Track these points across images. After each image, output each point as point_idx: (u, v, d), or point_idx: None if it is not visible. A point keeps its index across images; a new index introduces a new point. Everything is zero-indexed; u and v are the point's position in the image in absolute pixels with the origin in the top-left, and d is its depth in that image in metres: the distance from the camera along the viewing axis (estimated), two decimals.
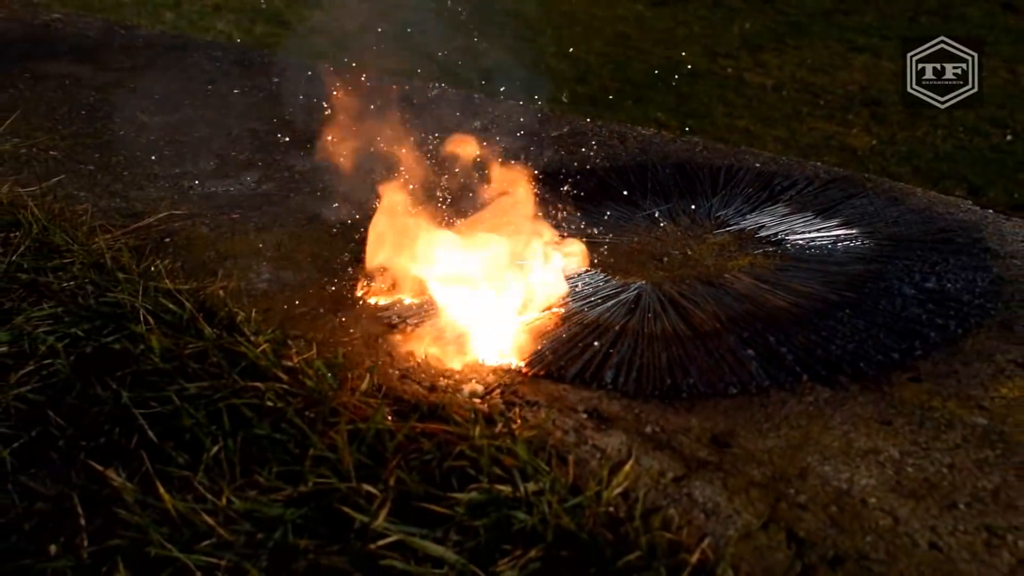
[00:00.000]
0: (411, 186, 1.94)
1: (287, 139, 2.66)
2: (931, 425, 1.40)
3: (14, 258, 1.91)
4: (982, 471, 1.31)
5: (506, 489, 1.23)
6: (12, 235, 1.99)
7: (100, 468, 1.40)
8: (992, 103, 7.47)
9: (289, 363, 1.51)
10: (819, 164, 2.46)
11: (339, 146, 2.18)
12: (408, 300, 1.77)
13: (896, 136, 6.96)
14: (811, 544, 1.18)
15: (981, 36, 9.19)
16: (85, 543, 1.35)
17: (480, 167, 1.91)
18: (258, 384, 1.46)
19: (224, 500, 1.31)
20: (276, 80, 3.27)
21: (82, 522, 1.38)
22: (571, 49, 9.01)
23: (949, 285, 1.78)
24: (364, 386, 1.47)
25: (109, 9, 9.79)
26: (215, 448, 1.39)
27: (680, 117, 7.27)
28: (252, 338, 1.56)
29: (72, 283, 1.82)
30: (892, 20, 10.51)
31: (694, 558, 1.13)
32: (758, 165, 2.42)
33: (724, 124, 7.25)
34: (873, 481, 1.28)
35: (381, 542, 1.19)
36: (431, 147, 2.08)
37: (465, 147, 2.00)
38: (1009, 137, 6.86)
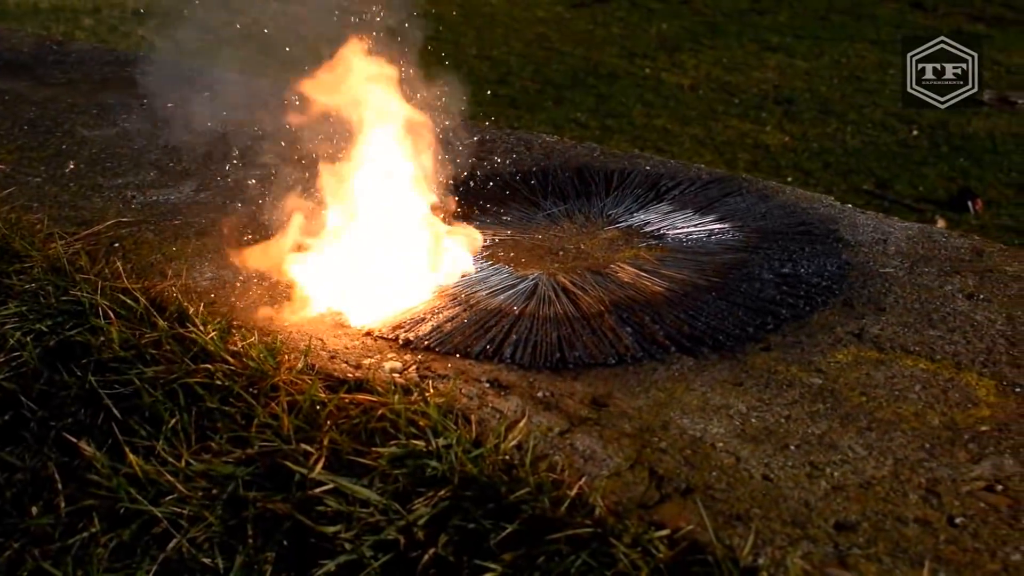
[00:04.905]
0: (328, 192, 2.18)
1: (220, 150, 2.88)
2: (775, 385, 1.69)
3: None
4: (813, 420, 1.59)
5: (420, 444, 1.49)
6: None
7: (73, 440, 1.64)
8: (899, 99, 7.86)
9: (234, 348, 1.76)
10: (702, 166, 2.76)
11: (269, 155, 2.42)
12: (335, 293, 2.01)
13: (808, 133, 7.35)
14: (668, 479, 1.45)
15: (890, 34, 9.68)
16: (62, 504, 1.59)
17: (394, 172, 2.15)
18: (208, 366, 1.71)
19: (183, 463, 1.56)
20: (206, 94, 3.47)
21: (59, 486, 1.62)
22: (492, 51, 9.28)
23: (802, 270, 2.08)
24: (299, 366, 1.72)
25: (27, 16, 9.83)
26: (173, 420, 1.63)
27: (599, 117, 7.58)
28: (201, 328, 1.80)
29: (34, 285, 2.04)
30: (805, 19, 10.93)
31: (572, 492, 1.40)
32: (648, 168, 2.71)
33: (642, 124, 7.57)
34: (722, 430, 1.57)
35: (318, 489, 1.45)
36: (351, 153, 2.30)
37: (381, 154, 2.22)
38: (915, 132, 7.28)
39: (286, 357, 1.75)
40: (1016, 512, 1.37)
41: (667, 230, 2.32)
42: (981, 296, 1.98)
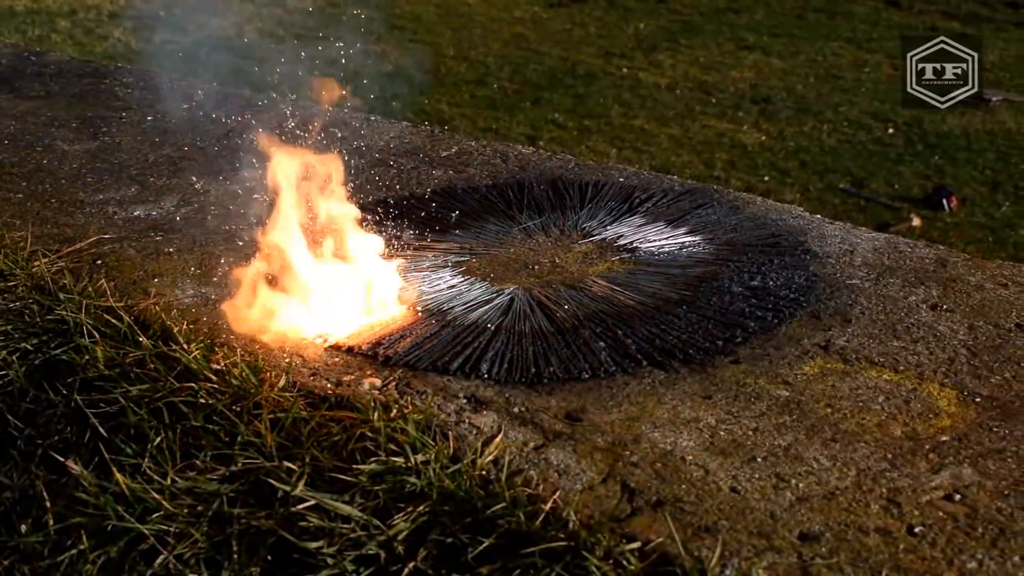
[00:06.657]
0: (303, 208, 2.21)
1: (200, 164, 2.92)
2: (743, 398, 1.75)
3: None
4: (779, 432, 1.65)
5: (399, 460, 1.54)
6: None
7: (60, 458, 1.68)
8: (875, 97, 7.96)
9: (217, 366, 1.80)
10: (675, 177, 2.81)
11: (248, 170, 2.46)
12: (316, 310, 2.06)
13: (784, 132, 7.42)
14: (639, 492, 1.50)
15: (866, 32, 9.79)
16: (51, 521, 1.63)
17: (372, 186, 2.20)
18: (192, 385, 1.75)
19: (168, 480, 1.60)
20: (185, 105, 3.50)
21: (47, 504, 1.65)
22: (470, 52, 9.33)
23: (771, 282, 2.14)
24: (281, 383, 1.77)
25: (3, 19, 9.78)
26: (158, 439, 1.67)
27: (577, 118, 7.63)
28: (185, 346, 1.85)
29: (18, 303, 2.08)
30: (781, 18, 11.01)
31: (547, 506, 1.45)
32: (621, 180, 2.76)
33: (620, 124, 7.62)
34: (692, 443, 1.62)
35: (300, 506, 1.50)
36: (326, 165, 2.33)
37: (357, 166, 2.26)
38: (891, 130, 7.36)
39: (268, 375, 1.80)
40: (973, 521, 1.43)
41: (640, 243, 2.37)
42: (944, 306, 2.05)
